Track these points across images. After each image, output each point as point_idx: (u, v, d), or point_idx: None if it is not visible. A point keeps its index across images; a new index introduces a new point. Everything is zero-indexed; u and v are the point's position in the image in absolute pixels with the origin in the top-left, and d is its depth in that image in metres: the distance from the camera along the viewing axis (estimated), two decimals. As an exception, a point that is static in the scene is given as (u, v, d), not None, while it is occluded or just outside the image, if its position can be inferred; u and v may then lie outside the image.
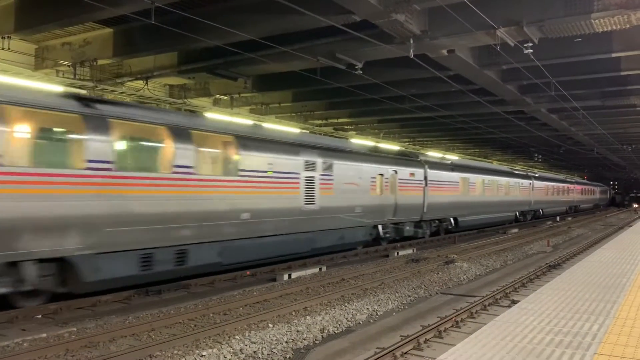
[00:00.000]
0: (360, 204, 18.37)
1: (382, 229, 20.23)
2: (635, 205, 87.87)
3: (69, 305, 10.25)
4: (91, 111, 10.44)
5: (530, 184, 39.12)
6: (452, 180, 26.13)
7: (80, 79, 17.32)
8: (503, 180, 33.40)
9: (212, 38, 13.65)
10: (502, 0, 12.64)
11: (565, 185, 52.27)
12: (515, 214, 37.09)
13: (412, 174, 22.14)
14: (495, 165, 39.56)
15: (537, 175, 42.90)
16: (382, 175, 19.95)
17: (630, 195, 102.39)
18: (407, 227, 21.95)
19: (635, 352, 4.46)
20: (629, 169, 75.25)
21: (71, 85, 16.46)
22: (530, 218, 41.57)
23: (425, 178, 23.32)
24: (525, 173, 40.15)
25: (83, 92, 16.26)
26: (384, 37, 13.49)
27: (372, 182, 19.28)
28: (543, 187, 42.83)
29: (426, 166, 23.81)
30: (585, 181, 69.07)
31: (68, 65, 17.30)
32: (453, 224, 26.69)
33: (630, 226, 26.09)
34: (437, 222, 25.17)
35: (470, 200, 27.98)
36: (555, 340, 4.75)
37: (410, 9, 11.89)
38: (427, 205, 23.13)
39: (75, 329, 8.66)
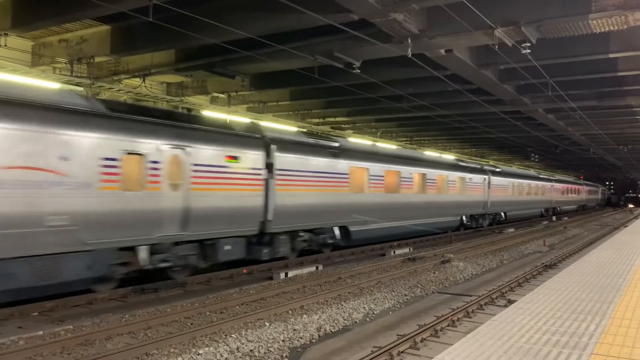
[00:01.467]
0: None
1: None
2: (631, 206, 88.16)
3: (65, 302, 10.23)
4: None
5: (484, 180, 30.82)
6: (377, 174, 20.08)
7: (77, 76, 17.27)
8: (434, 173, 24.48)
9: (210, 36, 13.62)
10: (501, 0, 12.65)
11: (540, 183, 44.47)
12: (461, 218, 28.11)
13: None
14: (429, 154, 28.84)
15: (497, 169, 34.86)
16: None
17: (626, 195, 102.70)
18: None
19: (631, 352, 4.47)
20: (624, 169, 75.52)
21: (68, 82, 16.40)
22: (487, 223, 32.63)
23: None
24: (479, 166, 31.67)
25: (80, 89, 16.19)
26: (382, 36, 13.49)
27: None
28: (505, 185, 34.81)
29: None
30: (568, 179, 62.09)
31: (65, 63, 17.24)
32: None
33: (626, 226, 26.19)
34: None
35: (365, 203, 19.17)
36: (552, 340, 4.76)
37: (408, 8, 11.89)
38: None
39: (71, 327, 8.64)
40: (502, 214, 35.21)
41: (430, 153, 31.09)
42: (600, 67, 17.68)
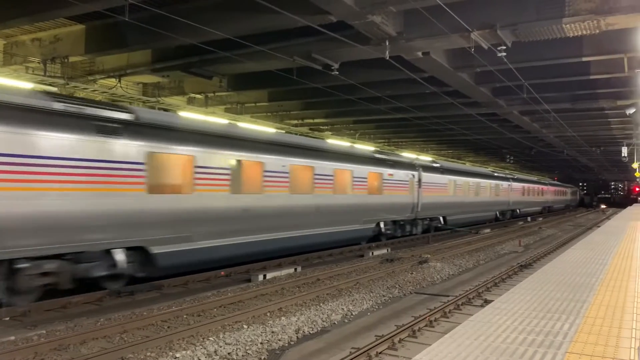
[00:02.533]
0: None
1: None
2: (603, 206, 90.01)
3: (38, 306, 10.02)
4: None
5: (413, 177, 24.36)
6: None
7: (50, 76, 16.96)
8: (328, 167, 17.91)
9: (187, 36, 13.51)
10: (477, 3, 12.82)
11: (493, 182, 37.27)
12: (379, 225, 21.62)
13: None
14: (326, 142, 21.68)
15: (434, 165, 28.46)
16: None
17: (599, 196, 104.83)
18: None
19: (604, 350, 4.55)
20: (597, 170, 77.13)
21: (41, 82, 16.11)
22: (420, 230, 25.94)
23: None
24: (407, 161, 25.26)
25: (53, 89, 15.91)
26: (360, 38, 13.56)
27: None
28: (444, 184, 28.07)
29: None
30: (530, 178, 56.52)
31: (38, 62, 16.92)
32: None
33: (599, 226, 26.70)
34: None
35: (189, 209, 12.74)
36: (528, 339, 4.82)
37: (386, 10, 11.97)
38: None
39: (44, 332, 8.46)
40: (441, 218, 27.98)
41: (333, 141, 24.32)
42: (573, 70, 18.04)
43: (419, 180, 25.03)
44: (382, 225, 21.84)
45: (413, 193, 24.39)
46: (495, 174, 40.43)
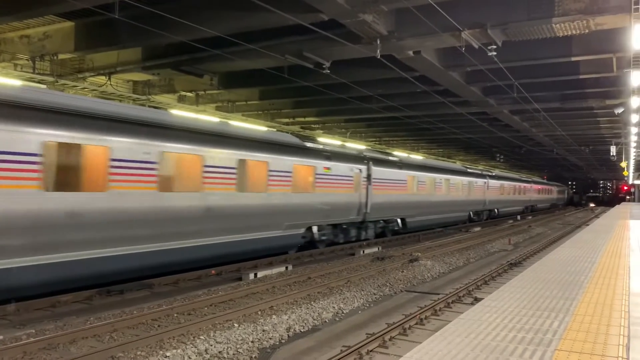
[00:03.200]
0: None
1: None
2: (592, 205, 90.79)
3: (27, 306, 9.94)
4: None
5: (360, 172, 20.68)
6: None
7: (39, 74, 16.83)
8: (228, 157, 13.83)
9: (178, 34, 13.46)
10: (468, 3, 12.88)
11: (465, 179, 33.26)
12: (311, 230, 17.84)
13: None
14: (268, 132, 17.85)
15: (389, 158, 24.35)
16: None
17: (588, 195, 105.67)
18: None
19: (593, 347, 4.59)
20: (586, 169, 77.77)
21: (30, 79, 15.97)
22: (371, 234, 22.37)
23: None
24: (352, 153, 21.17)
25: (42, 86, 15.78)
26: (352, 37, 13.57)
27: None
28: (401, 181, 24.08)
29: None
30: (511, 175, 50.93)
31: (27, 59, 16.78)
32: None
33: (588, 225, 26.93)
34: None
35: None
36: (518, 337, 4.85)
37: (377, 9, 12.00)
38: None
39: (33, 331, 8.40)
40: (398, 220, 24.13)
41: (240, 124, 18.27)
42: (563, 70, 18.17)
43: (369, 176, 21.11)
44: (315, 230, 17.95)
45: (359, 191, 20.45)
46: (469, 170, 36.26)
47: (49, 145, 9.54)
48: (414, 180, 25.45)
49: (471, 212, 35.69)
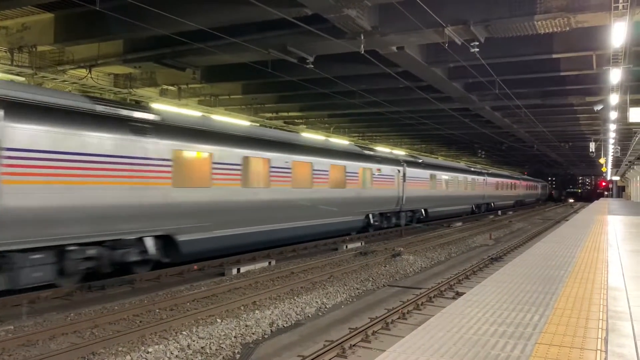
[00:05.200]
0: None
1: None
2: (571, 200, 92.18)
3: (4, 302, 9.79)
4: None
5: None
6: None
7: (18, 66, 16.52)
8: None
9: (160, 26, 13.30)
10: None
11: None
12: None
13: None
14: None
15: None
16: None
17: (567, 190, 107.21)
18: None
19: (572, 340, 4.66)
20: (566, 165, 78.91)
21: (8, 72, 15.68)
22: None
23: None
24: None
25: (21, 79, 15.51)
26: (335, 31, 13.55)
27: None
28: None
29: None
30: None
31: (5, 51, 16.46)
32: None
33: (567, 220, 27.34)
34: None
35: None
36: (499, 331, 4.91)
37: (361, 4, 11.98)
38: None
39: (12, 327, 8.28)
40: (422, 210, 28.11)
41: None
42: (544, 67, 18.37)
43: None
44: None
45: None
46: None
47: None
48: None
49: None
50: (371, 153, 23.54)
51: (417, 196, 27.65)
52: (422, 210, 29.21)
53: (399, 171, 25.40)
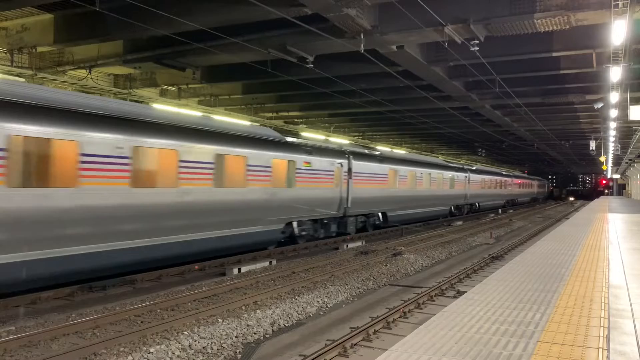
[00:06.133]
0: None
1: None
2: (572, 199, 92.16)
3: (6, 303, 9.79)
4: None
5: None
6: None
7: (18, 67, 16.52)
8: None
9: (160, 27, 13.30)
10: (451, -2, 12.93)
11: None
12: None
13: None
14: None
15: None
16: None
17: (567, 189, 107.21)
18: None
19: (574, 338, 4.66)
20: (566, 164, 78.86)
21: (8, 72, 15.67)
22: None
23: None
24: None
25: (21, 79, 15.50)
26: (335, 31, 13.54)
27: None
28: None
29: None
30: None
31: (4, 52, 16.46)
32: None
33: (568, 218, 27.34)
34: None
35: None
36: (501, 329, 4.91)
37: (361, 3, 11.97)
38: None
39: (13, 328, 8.29)
40: (379, 214, 23.81)
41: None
42: (544, 65, 18.35)
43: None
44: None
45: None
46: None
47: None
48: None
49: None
50: (294, 140, 18.23)
51: (370, 197, 22.56)
52: (379, 214, 24.05)
53: (341, 165, 20.15)
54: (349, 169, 20.85)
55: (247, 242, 15.18)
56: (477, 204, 41.36)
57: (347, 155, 20.99)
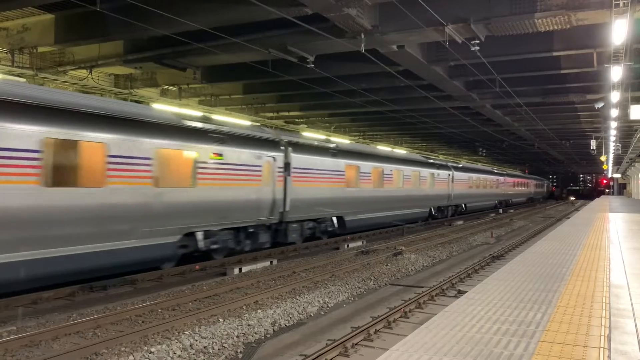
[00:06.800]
0: None
1: None
2: (572, 198, 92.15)
3: (7, 303, 9.80)
4: None
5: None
6: None
7: (18, 67, 16.54)
8: None
9: (160, 27, 13.30)
10: (451, -3, 12.94)
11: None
12: None
13: None
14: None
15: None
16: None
17: (568, 188, 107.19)
18: None
19: (575, 338, 4.66)
20: (566, 163, 78.84)
21: (9, 73, 15.69)
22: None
23: None
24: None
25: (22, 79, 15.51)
26: (336, 31, 13.55)
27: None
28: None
29: None
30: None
31: (5, 52, 16.48)
32: None
33: (568, 218, 27.33)
34: None
35: None
36: (502, 329, 4.91)
37: (361, 3, 11.98)
38: None
39: (14, 328, 8.29)
40: (333, 219, 19.83)
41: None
42: (544, 64, 18.35)
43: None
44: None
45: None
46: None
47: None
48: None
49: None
50: (194, 125, 13.47)
51: (318, 198, 18.43)
52: (333, 219, 19.99)
53: (273, 159, 16.05)
54: (287, 164, 16.79)
55: (115, 262, 11.18)
56: (463, 206, 37.37)
57: (283, 147, 16.74)
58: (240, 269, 13.70)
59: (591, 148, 38.12)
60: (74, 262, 10.27)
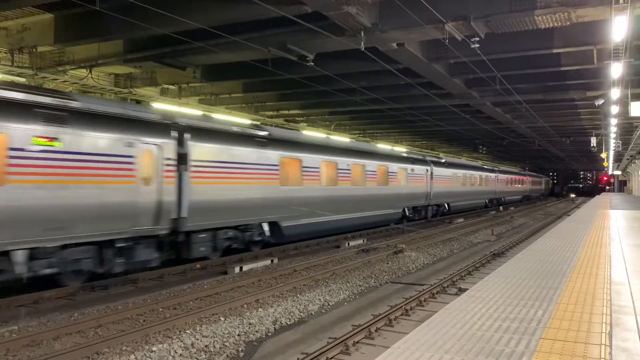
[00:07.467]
0: None
1: None
2: (573, 195, 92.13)
3: (8, 302, 9.81)
4: None
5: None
6: None
7: (18, 67, 16.53)
8: None
9: (160, 26, 13.28)
10: (451, -5, 12.91)
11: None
12: None
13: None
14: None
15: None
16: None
17: (568, 185, 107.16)
18: None
19: (576, 335, 4.66)
20: (567, 160, 78.77)
21: (9, 72, 15.69)
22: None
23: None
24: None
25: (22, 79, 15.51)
26: (335, 29, 13.52)
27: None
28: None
29: None
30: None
31: (5, 52, 16.47)
32: None
33: (569, 215, 27.33)
34: None
35: None
36: (503, 326, 4.91)
37: (361, 1, 11.95)
38: None
39: (16, 328, 8.30)
40: (264, 225, 15.91)
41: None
42: (544, 62, 18.31)
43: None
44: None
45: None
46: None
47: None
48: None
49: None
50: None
51: (237, 200, 14.77)
52: (263, 225, 16.16)
53: (159, 148, 12.34)
54: (182, 155, 13.00)
55: None
56: (446, 206, 33.44)
57: (175, 132, 12.85)
58: (241, 268, 13.71)
59: (591, 145, 38.07)
60: None
